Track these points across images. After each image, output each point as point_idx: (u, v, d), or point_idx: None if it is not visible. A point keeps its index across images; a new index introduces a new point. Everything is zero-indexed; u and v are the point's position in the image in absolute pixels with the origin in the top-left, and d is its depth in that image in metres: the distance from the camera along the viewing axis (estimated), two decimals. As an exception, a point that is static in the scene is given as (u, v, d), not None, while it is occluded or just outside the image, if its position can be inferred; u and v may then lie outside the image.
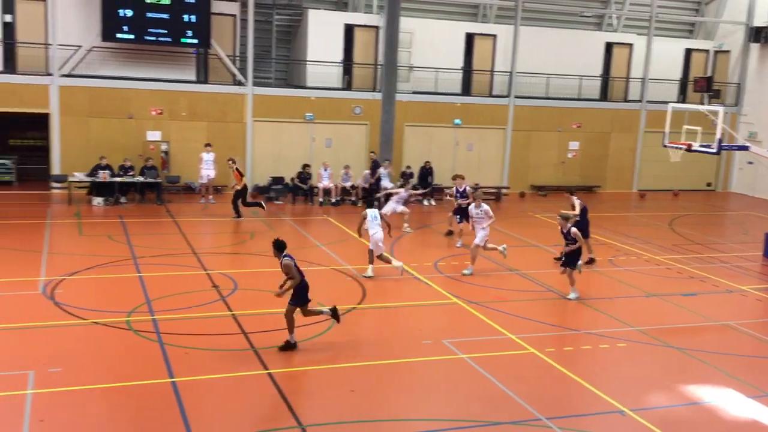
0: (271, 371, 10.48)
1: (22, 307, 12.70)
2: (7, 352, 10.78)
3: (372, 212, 15.87)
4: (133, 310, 12.73)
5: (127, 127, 24.18)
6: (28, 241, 17.22)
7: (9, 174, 24.80)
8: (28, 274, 14.46)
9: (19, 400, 9.18)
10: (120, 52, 24.41)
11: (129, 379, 10.00)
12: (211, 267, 15.81)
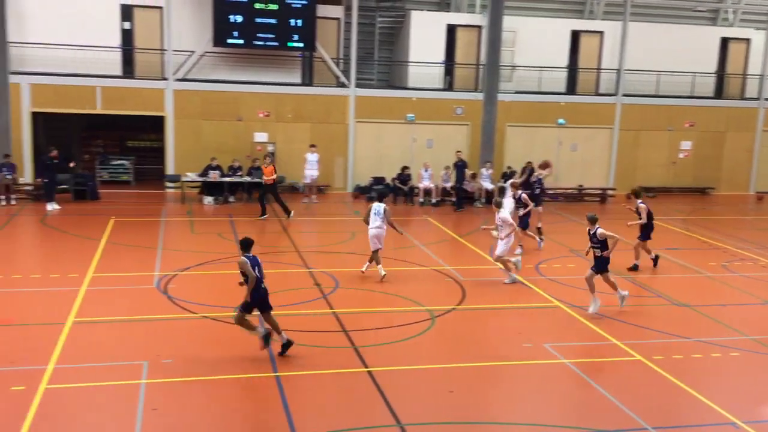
0: (370, 369, 10.60)
1: (138, 301, 13.39)
2: (124, 342, 11.39)
3: (376, 206, 15.37)
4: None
5: (236, 129, 25.06)
6: (145, 237, 18.13)
7: (127, 174, 26.22)
8: (144, 269, 15.23)
9: (133, 389, 9.68)
10: (230, 57, 25.34)
11: (235, 371, 10.36)
12: (313, 265, 16.15)
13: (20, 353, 10.74)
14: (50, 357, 10.49)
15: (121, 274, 14.81)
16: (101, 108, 24.00)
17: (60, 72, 23.31)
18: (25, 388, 9.47)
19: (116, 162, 26.37)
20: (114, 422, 8.94)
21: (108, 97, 23.88)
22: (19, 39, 22.97)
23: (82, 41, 23.09)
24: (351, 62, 25.87)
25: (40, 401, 9.17)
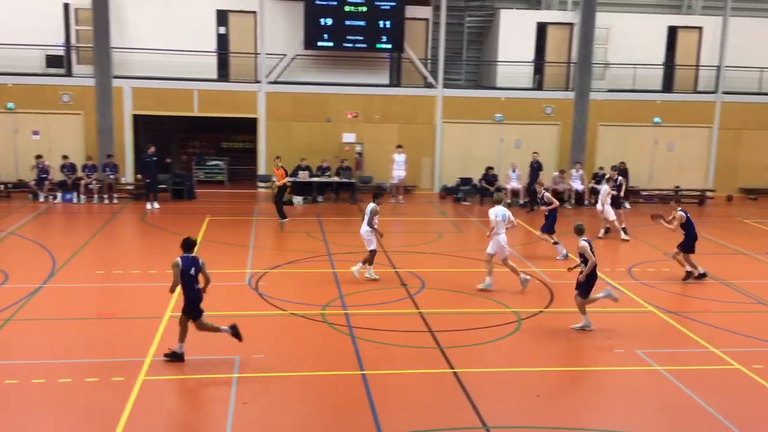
0: (456, 370, 10.56)
1: (231, 297, 13.80)
2: (217, 338, 11.75)
3: (368, 207, 14.95)
4: (327, 303, 13.38)
5: (325, 130, 25.47)
6: (237, 236, 18.67)
7: (221, 174, 27.07)
8: (237, 267, 15.68)
9: (225, 383, 9.99)
10: (320, 59, 25.77)
11: (323, 369, 10.53)
12: (399, 265, 16.22)
13: (121, 345, 11.26)
14: (148, 350, 10.95)
15: (215, 270, 15.21)
16: (198, 111, 24.87)
17: (159, 76, 24.29)
18: (125, 379, 9.92)
19: (211, 163, 27.26)
20: (206, 414, 9.25)
21: (204, 99, 24.72)
22: (122, 45, 24.07)
23: (180, 46, 23.99)
24: (439, 62, 25.83)
25: (138, 392, 9.58)
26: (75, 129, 24.06)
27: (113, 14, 23.67)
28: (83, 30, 24.20)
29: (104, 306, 13.16)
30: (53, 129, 24.00)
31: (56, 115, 23.98)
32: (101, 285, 14.27)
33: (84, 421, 9.01)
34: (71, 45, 24.34)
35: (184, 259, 10.62)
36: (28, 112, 23.75)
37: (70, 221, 20.73)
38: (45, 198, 22.40)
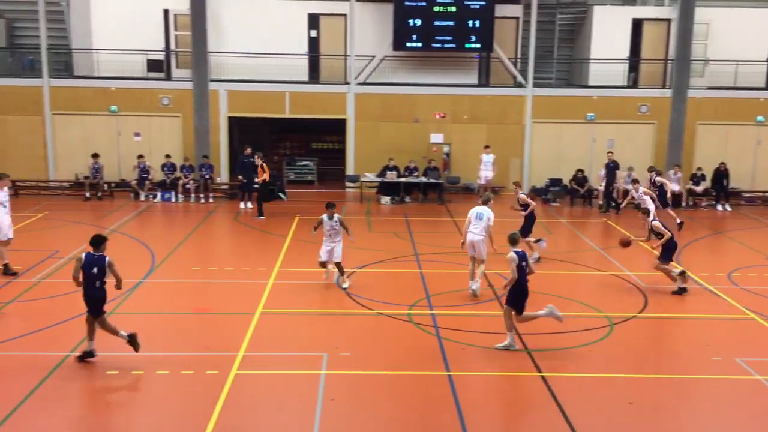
0: (544, 374, 10.39)
1: (319, 295, 14.05)
2: (306, 335, 12.01)
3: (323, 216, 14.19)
4: (414, 303, 13.43)
5: (412, 131, 25.54)
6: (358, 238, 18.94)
7: (311, 174, 27.57)
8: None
9: (314, 379, 10.18)
10: (408, 60, 25.87)
11: (409, 368, 10.57)
12: (487, 266, 16.05)
13: (214, 340, 11.65)
14: (240, 344, 11.28)
15: (305, 269, 15.59)
16: (289, 112, 25.42)
17: (253, 79, 24.97)
18: (218, 373, 10.26)
19: (302, 163, 27.81)
20: (296, 409, 9.44)
21: (295, 101, 25.24)
22: (218, 49, 24.88)
23: (273, 50, 24.57)
24: (529, 61, 25.47)
25: (230, 385, 9.89)
26: (173, 131, 25.03)
27: (210, 20, 24.48)
28: (182, 35, 25.15)
29: (200, 301, 13.64)
30: (153, 131, 25.04)
31: (156, 118, 25.02)
32: (197, 281, 14.79)
33: (180, 411, 9.37)
34: (171, 50, 25.34)
35: (87, 255, 10.44)
36: (130, 114, 24.88)
37: (169, 219, 21.59)
38: (145, 197, 23.41)
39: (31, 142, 24.68)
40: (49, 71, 24.63)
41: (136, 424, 9.01)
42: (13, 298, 13.32)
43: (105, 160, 23.87)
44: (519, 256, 11.08)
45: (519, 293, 11.14)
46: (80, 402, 9.53)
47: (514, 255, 11.06)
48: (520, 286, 11.11)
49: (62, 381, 9.97)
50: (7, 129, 24.60)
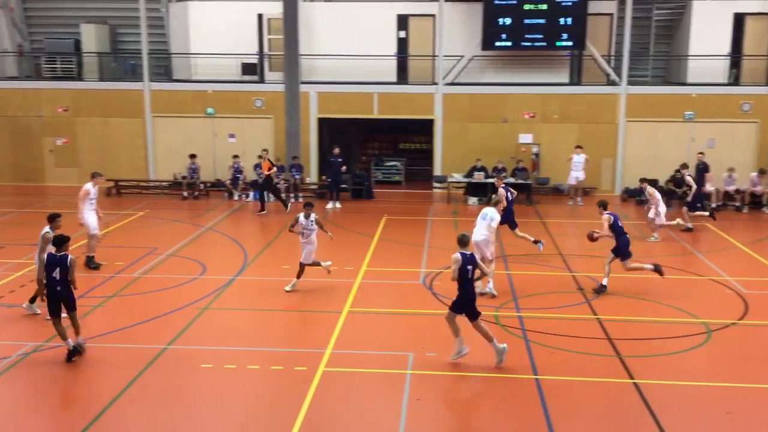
0: (637, 381, 10.09)
1: (405, 295, 14.10)
2: (392, 334, 12.08)
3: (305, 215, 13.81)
4: (501, 305, 13.29)
5: (501, 131, 25.26)
6: (413, 235, 19.02)
7: (399, 174, 27.70)
8: (411, 266, 15.98)
9: (400, 378, 10.23)
10: (497, 60, 25.62)
11: (495, 370, 10.47)
12: (577, 269, 15.75)
13: (303, 337, 11.89)
14: (328, 342, 11.46)
15: (391, 269, 15.69)
16: (377, 113, 25.63)
17: (342, 80, 25.31)
18: (306, 369, 10.46)
19: (389, 163, 27.98)
20: (382, 407, 9.52)
21: (384, 102, 25.42)
22: (309, 52, 25.35)
23: (362, 51, 24.83)
24: (623, 59, 24.74)
25: (318, 382, 10.07)
26: (266, 132, 25.67)
27: (302, 23, 24.97)
28: (275, 39, 25.77)
29: (289, 299, 13.93)
30: (247, 132, 25.76)
31: (250, 119, 25.73)
32: (287, 279, 15.11)
33: (270, 405, 9.62)
34: (264, 53, 26.00)
35: (50, 256, 10.52)
36: (225, 116, 25.67)
37: (260, 218, 22.14)
38: (239, 196, 24.11)
39: (133, 143, 25.84)
40: (150, 75, 25.73)
41: (228, 416, 9.30)
42: (115, 292, 13.98)
43: (201, 161, 24.71)
44: (464, 259, 10.45)
45: (461, 297, 10.58)
46: (175, 394, 9.91)
47: (458, 256, 10.46)
48: (464, 290, 10.53)
49: (158, 373, 10.40)
50: (110, 131, 25.85)
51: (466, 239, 10.78)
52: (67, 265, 10.45)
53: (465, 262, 10.43)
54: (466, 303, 10.53)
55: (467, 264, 10.44)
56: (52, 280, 10.48)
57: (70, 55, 26.85)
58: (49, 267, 10.50)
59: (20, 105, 25.85)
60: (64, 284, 10.52)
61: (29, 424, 9.06)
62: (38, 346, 11.21)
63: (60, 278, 10.48)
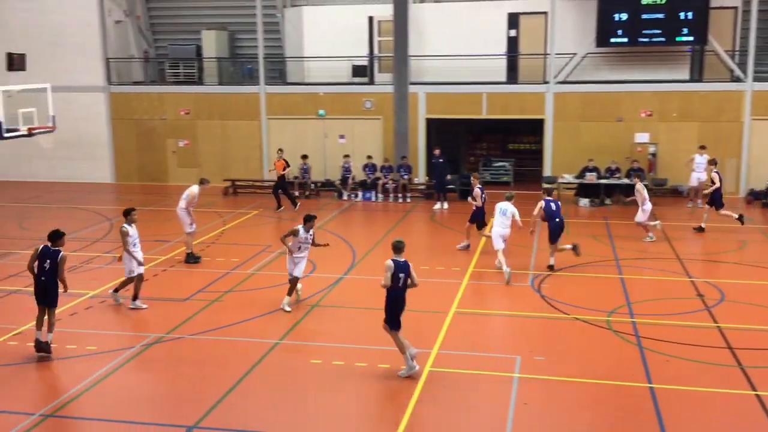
0: (760, 393, 9.54)
1: (513, 297, 13.93)
2: (499, 336, 11.97)
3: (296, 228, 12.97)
4: (613, 310, 12.90)
5: (615, 130, 24.48)
6: (521, 237, 18.72)
7: (507, 175, 27.36)
8: (519, 267, 15.71)
9: (507, 381, 10.12)
10: (612, 57, 24.84)
11: (605, 377, 10.18)
12: (696, 274, 15.05)
13: (409, 336, 11.92)
14: (434, 342, 11.49)
15: (499, 270, 15.52)
16: (486, 113, 25.42)
17: (451, 81, 25.27)
18: (413, 368, 10.52)
19: (498, 164, 27.69)
20: (488, 410, 9.45)
21: (492, 102, 25.18)
22: (418, 53, 25.46)
23: (471, 51, 24.71)
24: (749, 54, 23.41)
25: (424, 382, 10.11)
26: (375, 133, 25.99)
27: (412, 24, 25.12)
28: (385, 40, 26.05)
29: (396, 298, 14.03)
30: (356, 133, 26.18)
31: (359, 121, 26.14)
32: (394, 278, 15.26)
33: (377, 403, 9.75)
34: (374, 55, 26.34)
35: (44, 248, 10.79)
36: (335, 118, 26.19)
37: (369, 218, 22.46)
38: (348, 196, 24.55)
39: (249, 144, 26.81)
40: (266, 79, 26.61)
41: (336, 411, 9.49)
42: (231, 287, 14.55)
43: (312, 161, 25.33)
44: (396, 266, 10.09)
45: (391, 305, 10.19)
46: (285, 388, 10.20)
47: (390, 263, 10.09)
48: (394, 297, 10.14)
49: (269, 368, 10.75)
50: (228, 132, 26.93)
51: (401, 246, 10.29)
52: (56, 260, 10.76)
53: (398, 269, 10.10)
54: (398, 310, 10.19)
55: (399, 271, 10.10)
56: (42, 270, 10.83)
57: (191, 61, 28.18)
58: (41, 258, 10.84)
59: (146, 109, 27.38)
60: (51, 277, 10.82)
61: (148, 413, 9.58)
62: (160, 337, 11.84)
63: (48, 270, 10.79)
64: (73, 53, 26.91)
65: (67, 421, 9.21)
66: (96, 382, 10.19)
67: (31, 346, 11.38)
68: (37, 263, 10.87)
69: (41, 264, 10.84)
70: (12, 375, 10.59)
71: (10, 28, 26.98)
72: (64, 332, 12.14)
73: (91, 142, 27.49)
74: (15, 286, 14.58)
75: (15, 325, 12.32)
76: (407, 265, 10.22)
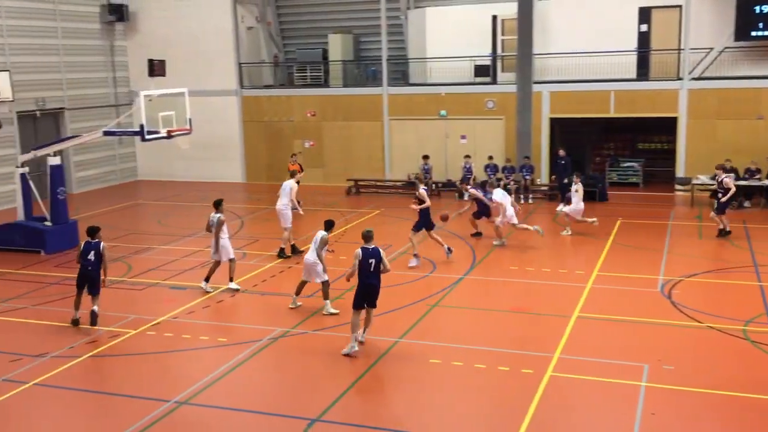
0: None
1: (640, 303, 13.38)
2: (625, 342, 11.54)
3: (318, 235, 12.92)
4: (750, 319, 12.15)
5: (755, 128, 23.01)
6: (650, 240, 17.99)
7: (636, 176, 26.32)
8: (648, 272, 15.13)
9: (632, 390, 9.75)
10: (753, 51, 23.36)
11: (741, 390, 9.61)
12: None
13: (530, 340, 11.77)
14: (556, 347, 11.25)
15: (625, 275, 14.99)
16: (614, 111, 24.57)
17: (577, 78, 24.61)
18: (533, 372, 10.36)
19: (626, 164, 26.69)
20: (613, 418, 9.15)
21: (621, 100, 24.31)
22: (543, 51, 24.98)
23: (599, 48, 23.96)
24: None
25: (545, 386, 9.92)
26: (496, 133, 25.73)
27: (536, 22, 24.68)
28: (508, 39, 25.73)
29: (517, 300, 13.87)
30: (478, 133, 26.00)
31: (481, 121, 25.95)
32: (514, 280, 15.07)
33: (496, 406, 9.66)
34: (497, 54, 26.07)
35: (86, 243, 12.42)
36: (457, 118, 26.14)
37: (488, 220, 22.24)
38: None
39: (372, 144, 27.26)
40: (388, 80, 26.96)
41: (455, 412, 9.49)
42: (353, 285, 14.81)
43: (433, 161, 25.40)
44: (364, 254, 11.10)
45: (359, 288, 11.09)
46: (404, 386, 10.31)
47: (358, 252, 11.15)
48: (363, 281, 11.04)
49: (389, 365, 10.89)
50: (352, 133, 27.49)
51: (370, 234, 11.41)
52: (100, 250, 12.33)
53: (366, 256, 11.10)
54: (365, 296, 11.08)
55: (369, 258, 11.10)
56: (87, 261, 12.29)
57: (318, 64, 28.99)
58: (85, 251, 12.36)
59: (275, 111, 28.41)
60: (96, 268, 12.33)
61: (273, 404, 9.95)
62: (285, 331, 12.27)
63: (93, 261, 12.29)
64: (208, 59, 28.34)
65: (199, 409, 9.72)
66: (226, 373, 10.70)
67: (168, 335, 12.14)
68: (82, 256, 12.38)
69: (86, 257, 12.34)
70: (149, 363, 11.31)
71: (152, 37, 28.78)
72: (196, 324, 12.85)
73: (224, 144, 28.85)
74: (154, 279, 15.55)
75: (153, 316, 13.13)
76: (377, 252, 11.22)
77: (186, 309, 13.59)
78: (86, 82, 27.82)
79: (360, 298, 11.14)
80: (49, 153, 18.46)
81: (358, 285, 11.17)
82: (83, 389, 10.33)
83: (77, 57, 27.34)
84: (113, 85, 29.06)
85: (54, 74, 26.39)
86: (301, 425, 9.11)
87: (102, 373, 10.91)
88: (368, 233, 11.44)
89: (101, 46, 28.50)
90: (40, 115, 25.87)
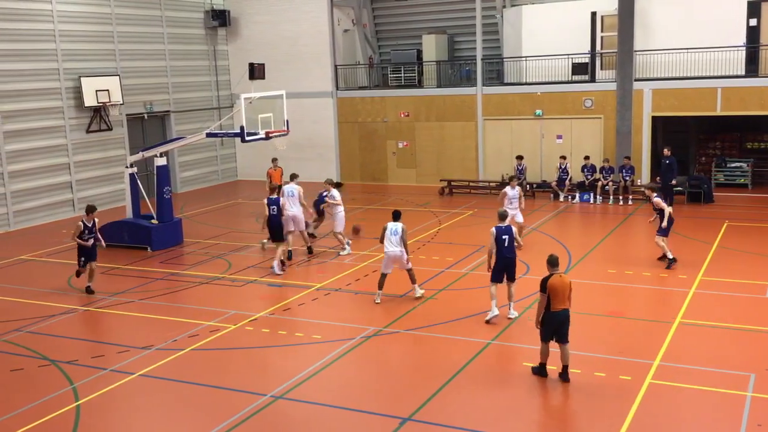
0: None
1: (748, 309, 12.76)
2: (730, 351, 11.03)
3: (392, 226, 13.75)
4: None
5: None
6: (759, 244, 17.12)
7: (744, 177, 25.09)
8: (756, 278, 14.40)
9: (737, 400, 9.32)
10: None
11: None
12: None
13: (628, 345, 11.41)
14: (656, 353, 10.87)
15: (731, 280, 14.32)
16: (720, 109, 23.50)
17: (681, 75, 23.68)
18: (631, 379, 10.05)
19: (733, 164, 25.48)
20: (715, 429, 8.78)
21: (728, 97, 23.21)
22: (644, 47, 24.16)
23: (704, 43, 22.99)
24: None
25: (644, 394, 9.61)
26: (594, 132, 25.09)
27: (638, 17, 23.91)
28: (607, 36, 25.04)
29: (614, 304, 13.48)
30: (575, 133, 25.44)
31: (578, 120, 25.36)
32: (612, 283, 14.65)
33: (593, 411, 9.41)
34: (596, 51, 25.43)
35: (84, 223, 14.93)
36: (553, 117, 25.66)
37: (586, 220, 21.73)
38: (564, 198, 23.93)
39: (465, 145, 27.12)
40: (483, 80, 26.75)
41: (548, 414, 9.32)
42: (445, 285, 14.83)
43: (528, 162, 25.02)
44: (498, 231, 12.44)
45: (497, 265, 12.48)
46: (496, 386, 10.21)
47: (493, 230, 12.51)
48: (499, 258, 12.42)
49: (481, 367, 10.83)
50: (444, 134, 27.44)
51: (505, 214, 13.23)
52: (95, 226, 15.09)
53: (500, 233, 12.43)
54: (503, 269, 12.43)
55: (503, 234, 12.44)
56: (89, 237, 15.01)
57: (412, 65, 29.10)
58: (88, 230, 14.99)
59: (369, 112, 28.72)
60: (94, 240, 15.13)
61: (366, 402, 10.06)
62: (378, 330, 12.39)
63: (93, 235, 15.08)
64: (305, 62, 28.96)
65: (293, 403, 9.95)
66: (320, 369, 10.91)
67: (265, 331, 12.50)
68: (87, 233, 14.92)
69: (88, 233, 14.90)
70: (247, 358, 11.67)
71: (253, 41, 29.68)
72: (292, 321, 13.17)
73: (320, 144, 29.40)
74: (252, 276, 16.02)
75: (252, 311, 13.54)
76: (510, 229, 12.68)
77: (282, 306, 13.95)
78: (190, 86, 28.98)
79: (498, 272, 12.46)
80: (155, 154, 19.35)
81: (496, 260, 12.44)
82: (185, 381, 10.76)
83: (182, 62, 28.52)
84: (215, 88, 30.14)
85: (161, 78, 27.63)
86: (393, 424, 9.19)
87: (202, 366, 11.34)
88: (504, 213, 13.44)
89: (204, 50, 29.61)
90: (147, 117, 27.15)
